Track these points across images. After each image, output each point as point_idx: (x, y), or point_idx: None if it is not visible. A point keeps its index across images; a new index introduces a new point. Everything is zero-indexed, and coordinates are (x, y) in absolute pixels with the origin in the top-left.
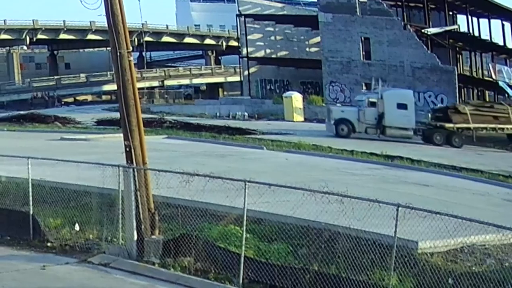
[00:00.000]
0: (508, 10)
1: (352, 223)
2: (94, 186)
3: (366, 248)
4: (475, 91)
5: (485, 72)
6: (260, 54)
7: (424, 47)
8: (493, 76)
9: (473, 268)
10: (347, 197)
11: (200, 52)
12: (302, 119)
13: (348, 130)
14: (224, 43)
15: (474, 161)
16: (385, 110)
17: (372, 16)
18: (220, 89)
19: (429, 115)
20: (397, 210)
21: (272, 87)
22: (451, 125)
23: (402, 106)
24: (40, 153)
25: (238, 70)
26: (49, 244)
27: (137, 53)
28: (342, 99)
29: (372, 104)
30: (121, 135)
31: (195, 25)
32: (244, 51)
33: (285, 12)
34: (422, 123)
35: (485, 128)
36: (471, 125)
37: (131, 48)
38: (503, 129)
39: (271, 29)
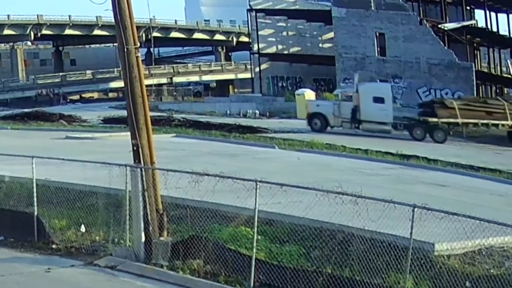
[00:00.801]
0: None
1: (366, 224)
2: (100, 186)
3: (381, 250)
4: (493, 88)
5: (504, 69)
6: (272, 50)
7: (441, 43)
8: None
9: (491, 271)
10: (361, 198)
11: (210, 48)
12: None
13: (321, 124)
14: (235, 39)
15: (493, 160)
16: (361, 104)
17: (387, 11)
18: (230, 86)
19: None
20: (413, 211)
21: (284, 84)
22: (434, 119)
23: (378, 100)
24: (45, 152)
25: (249, 66)
26: (54, 246)
27: (145, 49)
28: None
29: (348, 98)
30: (128, 133)
31: (205, 20)
32: (255, 47)
33: (297, 7)
34: (408, 118)
35: (476, 123)
36: (459, 120)
37: (138, 44)
38: (497, 125)
39: (283, 24)
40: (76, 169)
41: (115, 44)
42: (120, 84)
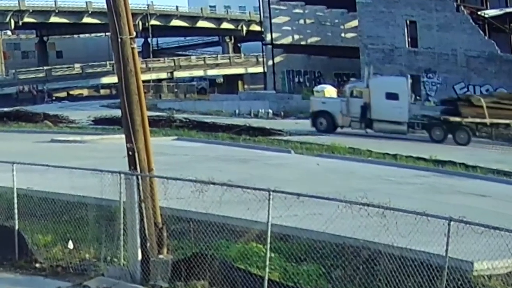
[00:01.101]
0: None
1: (395, 240)
2: (90, 196)
3: (412, 269)
4: None
5: None
6: (287, 40)
7: (481, 32)
8: None
9: None
10: (389, 210)
11: (216, 38)
12: None
13: (327, 124)
14: (245, 28)
15: None
16: (372, 101)
17: None
18: (239, 82)
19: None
20: (449, 225)
21: (301, 80)
22: (457, 118)
23: (392, 96)
24: (27, 157)
25: (261, 59)
26: (37, 265)
27: (142, 40)
28: None
29: (357, 95)
30: (123, 136)
31: (210, 7)
32: (268, 37)
33: None
34: (427, 116)
35: (508, 124)
36: (487, 120)
37: (134, 34)
38: None
39: (300, 11)
40: (62, 177)
41: (107, 33)
42: (113, 79)
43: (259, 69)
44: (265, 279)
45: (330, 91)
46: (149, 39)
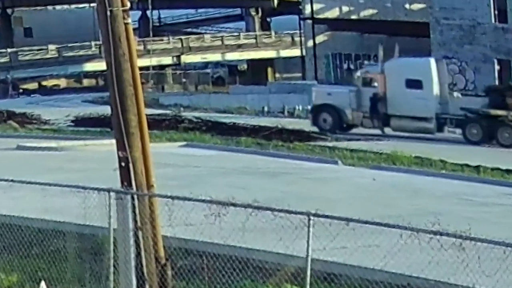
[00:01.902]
0: None
1: (478, 280)
2: (70, 222)
3: None
4: None
5: None
6: (333, 14)
7: None
8: None
9: None
10: (470, 240)
11: (239, 11)
12: None
13: (333, 122)
14: None
15: None
16: (388, 91)
17: None
18: (269, 69)
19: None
20: None
21: (351, 66)
22: (501, 112)
23: (414, 84)
24: None
25: (297, 39)
26: None
27: (139, 13)
28: (462, 85)
29: (370, 83)
30: (113, 142)
31: None
32: (308, 10)
33: None
34: (466, 109)
35: None
36: None
37: (129, 5)
38: None
39: None
40: (32, 195)
41: (92, 4)
42: (100, 66)
43: (295, 52)
44: None
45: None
46: (148, 12)
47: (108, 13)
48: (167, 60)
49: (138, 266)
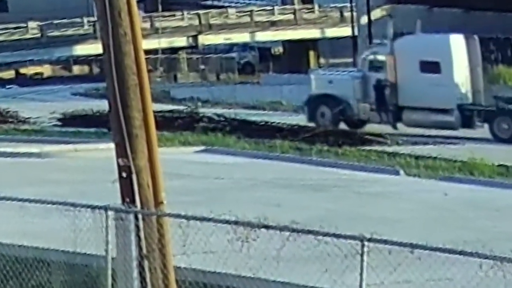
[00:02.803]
0: None
1: None
2: (56, 249)
3: None
4: None
5: None
6: None
7: None
8: None
9: None
10: None
11: None
12: None
13: (333, 116)
14: None
15: None
16: (399, 76)
17: None
18: (311, 53)
19: None
20: None
21: None
22: None
23: (430, 67)
24: None
25: (347, 14)
26: None
27: None
28: None
29: (378, 66)
30: (111, 146)
31: None
32: None
33: None
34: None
35: None
36: None
37: None
38: None
39: None
40: (7, 215)
41: None
42: (94, 48)
43: (345, 31)
44: None
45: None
46: None
47: None
48: (180, 41)
49: None
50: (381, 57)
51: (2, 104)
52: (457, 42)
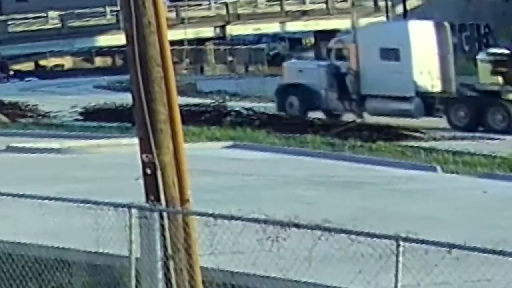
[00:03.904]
0: None
1: None
2: (77, 249)
3: None
4: None
5: None
6: None
7: None
8: None
9: None
10: None
11: None
12: None
13: (300, 105)
14: None
15: None
16: (361, 64)
17: None
18: None
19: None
20: None
21: (455, 40)
22: (495, 86)
23: (389, 55)
24: None
25: (382, 3)
26: None
27: None
28: None
29: (343, 55)
30: (135, 141)
31: None
32: None
33: None
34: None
35: None
36: None
37: None
38: None
39: None
40: (27, 213)
41: None
42: (117, 39)
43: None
44: None
45: None
46: None
47: None
48: (207, 32)
49: None
50: (345, 46)
51: (21, 97)
52: (418, 29)
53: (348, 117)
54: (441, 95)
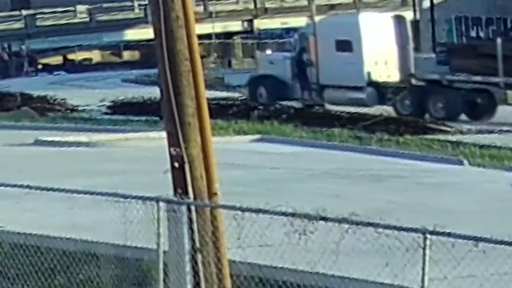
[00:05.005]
0: None
1: None
2: (105, 242)
3: None
4: None
5: None
6: None
7: None
8: None
9: None
10: None
11: None
12: None
13: (269, 96)
14: None
15: None
16: (319, 55)
17: None
18: None
19: None
20: None
21: (482, 34)
22: (435, 75)
23: (343, 46)
24: None
25: None
26: None
27: None
28: None
29: (304, 47)
30: (163, 135)
31: None
32: None
33: None
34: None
35: None
36: (500, 79)
37: None
38: None
39: None
40: (55, 206)
41: None
42: (145, 33)
43: (406, 15)
44: None
45: None
46: None
47: None
48: (235, 26)
49: None
50: (305, 38)
51: (49, 91)
52: (370, 21)
53: (376, 110)
54: (391, 84)
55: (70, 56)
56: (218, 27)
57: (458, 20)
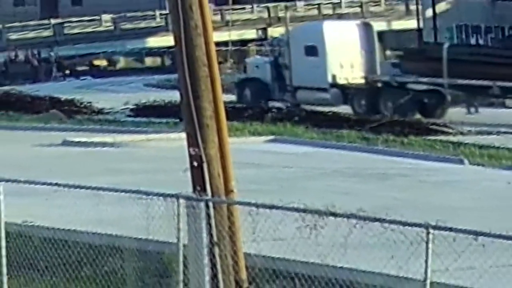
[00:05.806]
0: None
1: None
2: (129, 237)
3: None
4: None
5: None
6: None
7: None
8: None
9: None
10: None
11: None
12: None
13: (252, 96)
14: None
15: None
16: (292, 59)
17: None
18: (377, 45)
19: None
20: None
21: (482, 41)
22: (385, 77)
23: (311, 51)
24: (23, 171)
25: (413, 7)
26: None
27: None
28: None
29: (281, 52)
30: (183, 136)
31: None
32: None
33: None
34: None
35: (489, 88)
36: (444, 81)
37: None
38: None
39: None
40: (82, 203)
41: None
42: (166, 41)
43: (410, 24)
44: None
45: None
46: None
47: None
48: (250, 33)
49: None
50: (281, 44)
51: (76, 95)
52: (334, 28)
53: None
54: (353, 85)
55: (96, 62)
56: (234, 35)
57: (459, 29)
